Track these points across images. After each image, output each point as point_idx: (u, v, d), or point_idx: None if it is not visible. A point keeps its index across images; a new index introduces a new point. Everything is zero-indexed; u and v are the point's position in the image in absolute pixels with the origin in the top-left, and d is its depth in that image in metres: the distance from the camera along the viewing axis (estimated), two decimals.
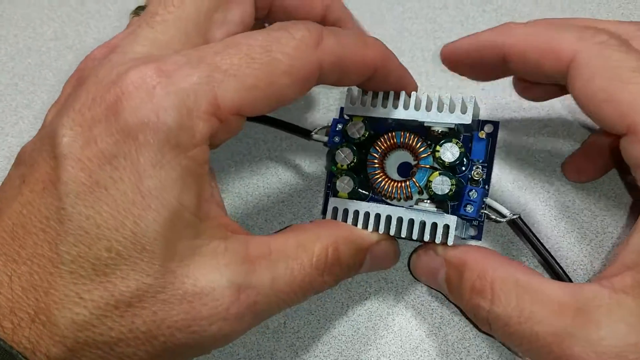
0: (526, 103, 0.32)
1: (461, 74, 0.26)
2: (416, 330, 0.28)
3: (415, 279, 0.29)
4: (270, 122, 0.32)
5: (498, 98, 0.33)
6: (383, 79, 0.26)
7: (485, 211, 0.26)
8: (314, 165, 0.33)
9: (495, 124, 0.28)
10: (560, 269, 0.25)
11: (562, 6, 0.35)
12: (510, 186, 0.31)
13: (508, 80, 0.33)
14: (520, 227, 0.26)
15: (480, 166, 0.27)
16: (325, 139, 0.30)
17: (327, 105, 0.35)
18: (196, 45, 0.23)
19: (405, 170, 0.28)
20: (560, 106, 0.32)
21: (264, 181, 0.33)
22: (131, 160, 0.20)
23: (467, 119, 0.26)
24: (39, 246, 0.21)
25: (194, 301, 0.21)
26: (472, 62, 0.26)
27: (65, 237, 0.20)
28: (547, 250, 0.26)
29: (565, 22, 0.25)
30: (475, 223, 0.28)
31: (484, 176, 0.27)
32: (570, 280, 0.25)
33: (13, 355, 0.19)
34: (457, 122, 0.26)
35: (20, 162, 0.23)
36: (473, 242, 0.29)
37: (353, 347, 0.29)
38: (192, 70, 0.21)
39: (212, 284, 0.21)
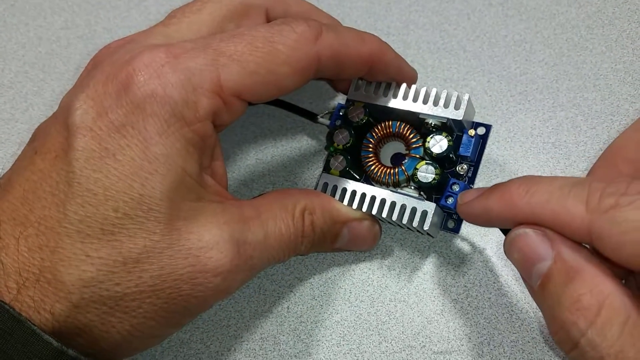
0: (513, 104, 0.33)
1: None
2: (418, 316, 0.29)
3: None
4: (279, 104, 0.33)
5: (496, 101, 0.33)
6: (382, 71, 0.28)
7: None
8: (318, 154, 0.34)
9: (488, 127, 0.29)
10: None
11: (568, 0, 0.35)
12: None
13: (507, 86, 0.34)
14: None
15: (466, 163, 0.28)
16: (329, 123, 0.31)
17: (333, 94, 0.35)
18: None
19: (397, 161, 0.29)
20: (560, 113, 0.32)
21: (269, 169, 0.34)
22: (138, 129, 0.22)
23: (459, 115, 0.27)
24: (47, 208, 0.22)
25: (200, 255, 0.22)
26: (486, 222, 0.24)
27: (73, 199, 0.21)
28: None
29: (565, 184, 0.21)
30: (454, 216, 0.29)
31: (470, 173, 0.28)
32: None
33: (12, 314, 0.20)
34: (449, 116, 0.27)
35: (34, 138, 0.25)
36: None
37: (355, 332, 0.29)
38: (199, 53, 0.23)
39: (215, 237, 0.23)
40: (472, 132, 0.28)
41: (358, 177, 0.29)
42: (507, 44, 0.35)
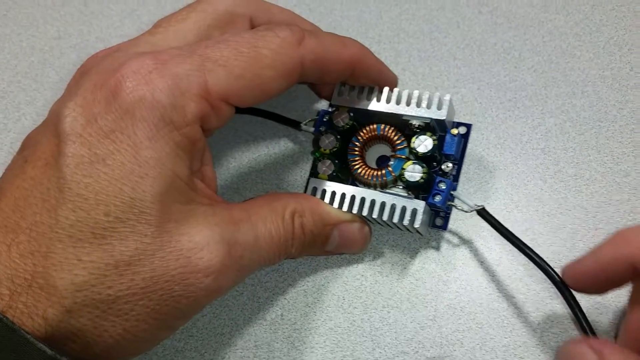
0: (502, 110, 0.33)
1: (585, 293, 0.25)
2: (411, 322, 0.29)
3: None
4: (262, 113, 0.34)
5: (486, 108, 0.34)
6: (363, 75, 0.29)
7: (452, 203, 0.28)
8: (309, 160, 0.34)
9: (469, 126, 0.30)
10: (530, 252, 0.26)
11: (556, 7, 0.36)
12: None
13: (497, 94, 0.34)
14: (486, 217, 0.27)
15: (451, 161, 0.29)
16: (313, 130, 0.31)
17: (315, 99, 0.36)
18: None
19: (383, 163, 0.30)
20: (551, 122, 0.33)
21: (260, 176, 0.34)
22: (128, 134, 0.22)
23: (442, 115, 0.28)
24: (38, 215, 0.22)
25: (191, 256, 0.23)
26: (598, 280, 0.24)
27: (64, 204, 0.21)
28: (514, 235, 0.26)
29: None
30: (442, 214, 0.29)
31: (454, 171, 0.29)
32: (543, 261, 0.25)
33: (4, 323, 0.20)
34: (432, 116, 0.28)
35: (24, 147, 0.25)
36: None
37: (349, 339, 0.29)
38: (186, 59, 0.24)
39: (206, 238, 0.23)
40: (454, 131, 0.29)
41: (346, 181, 0.30)
42: (496, 51, 0.35)
